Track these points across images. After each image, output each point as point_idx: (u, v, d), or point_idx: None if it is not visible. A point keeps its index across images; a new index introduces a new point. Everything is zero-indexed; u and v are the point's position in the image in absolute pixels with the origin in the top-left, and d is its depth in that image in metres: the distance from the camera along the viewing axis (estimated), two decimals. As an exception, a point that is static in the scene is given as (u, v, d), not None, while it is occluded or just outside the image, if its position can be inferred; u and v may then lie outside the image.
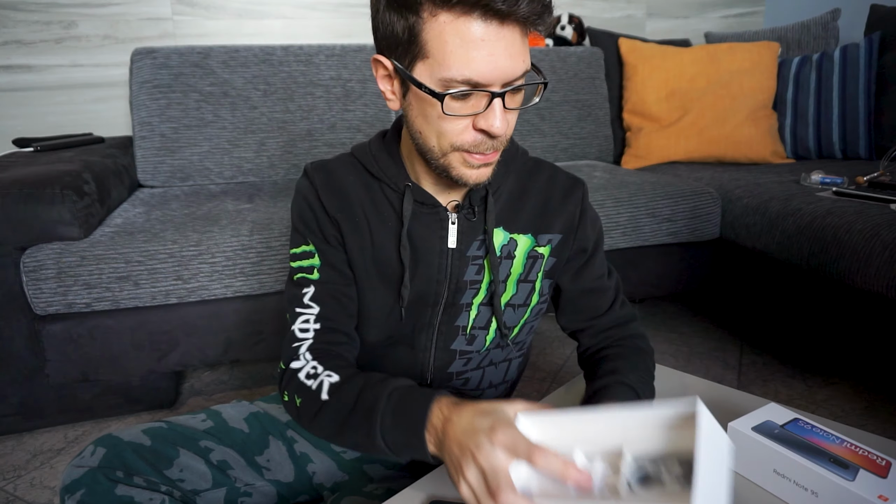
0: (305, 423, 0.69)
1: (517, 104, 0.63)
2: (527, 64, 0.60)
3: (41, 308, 1.25)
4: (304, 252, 0.74)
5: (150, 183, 1.78)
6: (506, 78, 0.58)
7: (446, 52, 0.57)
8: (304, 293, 0.73)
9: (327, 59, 1.91)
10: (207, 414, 0.78)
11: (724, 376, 1.58)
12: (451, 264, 0.73)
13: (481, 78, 0.57)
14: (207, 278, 1.31)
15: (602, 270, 0.83)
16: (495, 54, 0.56)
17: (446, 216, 0.72)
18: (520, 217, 0.75)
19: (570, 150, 2.16)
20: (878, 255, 1.23)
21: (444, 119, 0.60)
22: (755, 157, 1.98)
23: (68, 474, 0.66)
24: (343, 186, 0.74)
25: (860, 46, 1.93)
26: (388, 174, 0.73)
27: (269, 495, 0.77)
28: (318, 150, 1.89)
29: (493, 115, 0.59)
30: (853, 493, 0.54)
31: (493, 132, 0.60)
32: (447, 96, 0.58)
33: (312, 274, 0.73)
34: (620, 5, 2.54)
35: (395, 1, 0.58)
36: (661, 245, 1.68)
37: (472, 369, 0.79)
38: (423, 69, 0.59)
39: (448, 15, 0.56)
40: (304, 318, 0.72)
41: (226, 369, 1.71)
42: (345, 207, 0.73)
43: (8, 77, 1.91)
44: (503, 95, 0.59)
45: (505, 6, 0.54)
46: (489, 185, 0.72)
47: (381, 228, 0.73)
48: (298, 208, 0.75)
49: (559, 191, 0.77)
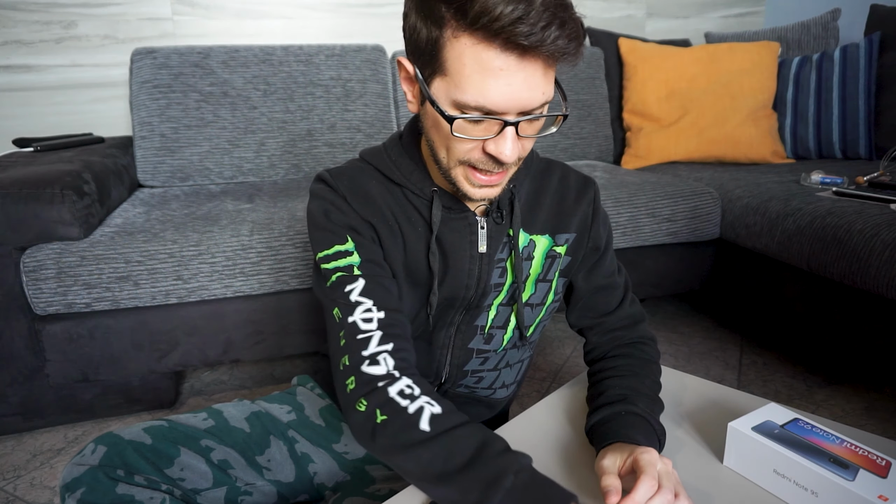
0: (385, 441, 0.59)
1: (534, 132, 0.62)
2: (547, 95, 0.58)
3: (41, 308, 1.25)
4: (338, 252, 0.68)
5: (150, 183, 1.78)
6: (522, 108, 0.57)
7: (463, 75, 0.55)
8: (350, 290, 0.66)
9: (327, 59, 1.91)
10: (208, 413, 0.78)
11: (724, 376, 1.58)
12: (480, 268, 0.73)
13: (495, 107, 0.56)
14: (207, 278, 1.31)
15: (612, 268, 0.83)
16: (513, 85, 0.55)
17: (475, 221, 0.72)
18: (537, 218, 0.76)
19: (570, 150, 2.16)
20: (878, 255, 1.23)
21: (454, 139, 0.60)
22: (755, 157, 1.98)
23: (69, 472, 0.66)
24: (368, 193, 0.71)
25: (860, 46, 1.93)
26: (413, 180, 0.71)
27: (269, 495, 0.77)
28: (317, 150, 1.89)
29: (503, 142, 0.58)
30: (853, 493, 0.54)
31: (502, 159, 0.59)
32: (458, 120, 0.57)
33: (353, 272, 0.67)
34: (620, 5, 2.54)
35: (424, 9, 0.57)
36: (661, 245, 1.68)
37: (489, 370, 0.80)
38: (441, 85, 0.58)
39: (470, 39, 0.54)
40: (363, 309, 0.65)
41: (226, 369, 1.71)
42: (376, 213, 0.70)
43: (8, 77, 1.91)
44: (517, 125, 0.58)
45: (528, 41, 0.52)
46: (514, 189, 0.72)
47: (413, 234, 0.71)
48: (324, 210, 0.69)
49: (572, 191, 0.78)
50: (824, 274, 1.37)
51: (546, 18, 0.51)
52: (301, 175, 1.90)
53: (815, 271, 1.40)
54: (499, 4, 0.51)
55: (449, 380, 0.79)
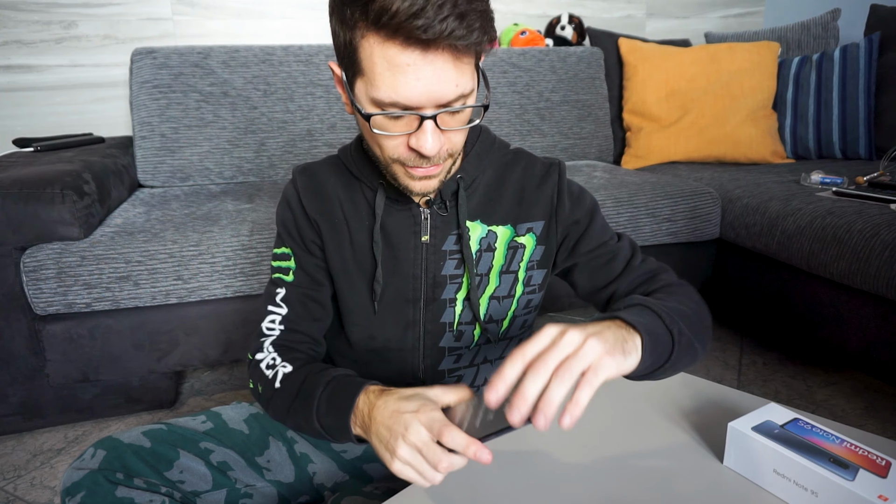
0: (263, 407, 0.74)
1: (457, 124, 0.62)
2: (462, 87, 0.58)
3: (41, 308, 1.25)
4: (283, 254, 0.78)
5: (150, 183, 1.78)
6: (437, 101, 0.57)
7: (376, 73, 0.56)
8: (278, 293, 0.77)
9: (327, 59, 1.91)
10: (207, 416, 0.78)
11: (724, 376, 1.58)
12: (425, 259, 0.74)
13: (409, 101, 0.57)
14: (207, 278, 1.31)
15: (604, 237, 0.78)
16: (422, 80, 0.55)
17: (419, 211, 0.73)
18: (498, 209, 0.75)
19: (570, 150, 2.16)
20: (878, 255, 1.23)
21: (378, 137, 0.61)
22: (755, 157, 1.98)
23: (69, 476, 0.66)
24: (324, 188, 0.76)
25: (860, 46, 1.93)
26: (365, 174, 0.74)
27: (269, 496, 0.77)
28: (318, 150, 1.89)
29: (423, 136, 0.59)
30: (853, 493, 0.54)
31: (424, 153, 0.59)
32: (374, 117, 0.59)
33: (287, 275, 0.77)
34: (620, 5, 2.54)
35: (338, 13, 0.58)
36: (661, 245, 1.68)
37: (465, 367, 0.79)
38: (360, 86, 0.59)
39: (376, 37, 0.55)
40: (272, 317, 0.76)
41: (226, 369, 1.71)
42: (325, 209, 0.75)
43: (8, 77, 1.91)
44: (434, 118, 0.58)
45: (427, 35, 0.52)
46: (460, 180, 0.73)
47: (359, 227, 0.75)
48: (281, 213, 0.78)
49: (535, 178, 0.76)
50: (824, 274, 1.37)
51: (445, 11, 0.52)
52: (301, 175, 1.90)
53: (815, 271, 1.40)
54: (396, 1, 0.52)
55: (426, 382, 0.78)
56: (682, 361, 0.61)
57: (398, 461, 0.56)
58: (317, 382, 0.67)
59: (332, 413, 0.65)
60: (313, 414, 0.66)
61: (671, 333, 0.59)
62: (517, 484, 0.65)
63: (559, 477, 0.66)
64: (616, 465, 0.68)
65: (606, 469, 0.67)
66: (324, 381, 0.67)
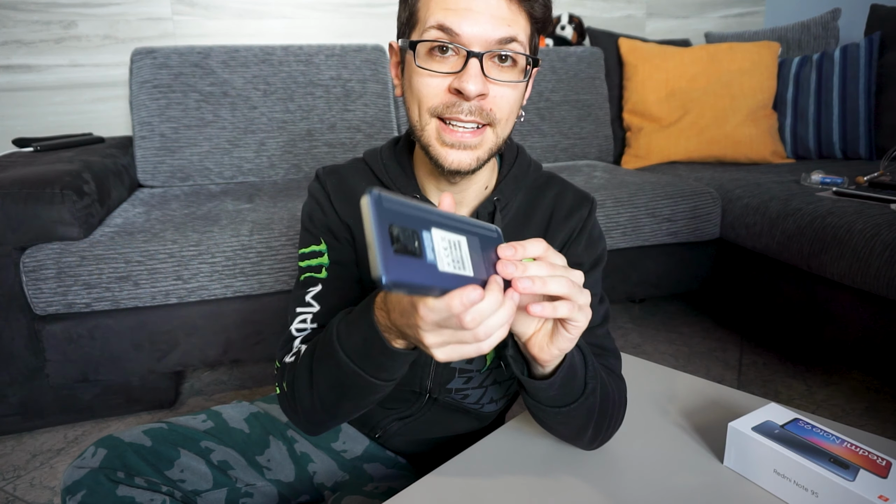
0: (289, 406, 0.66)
1: (504, 77, 0.60)
2: (513, 32, 0.58)
3: (41, 308, 1.25)
4: (313, 251, 0.73)
5: (150, 183, 1.78)
6: (485, 38, 0.57)
7: (429, 6, 0.59)
8: (309, 291, 0.71)
9: (327, 59, 1.91)
10: (208, 415, 0.78)
11: (724, 376, 1.58)
12: None
13: (457, 28, 0.57)
14: (207, 278, 1.31)
15: (592, 292, 0.73)
16: (472, 10, 0.57)
17: None
18: (525, 233, 0.73)
19: (570, 150, 2.16)
20: (878, 255, 1.23)
21: (420, 76, 0.60)
22: (755, 157, 1.98)
23: (69, 475, 0.66)
24: (354, 193, 0.73)
25: (860, 46, 1.93)
26: (398, 184, 0.72)
27: (270, 496, 0.77)
28: (317, 150, 1.89)
29: (466, 74, 0.58)
30: (853, 494, 0.54)
31: (467, 92, 0.58)
32: (419, 46, 0.59)
33: (320, 273, 0.72)
34: (620, 5, 2.54)
35: None
36: (661, 245, 1.68)
37: (474, 387, 0.77)
38: (415, 35, 0.61)
39: None
40: (302, 317, 0.71)
41: (226, 369, 1.71)
42: (356, 214, 0.72)
43: (8, 77, 1.91)
44: (481, 57, 0.58)
45: None
46: (497, 202, 0.71)
47: None
48: (309, 209, 0.75)
49: (565, 208, 0.74)
50: (824, 274, 1.37)
51: None
52: (301, 175, 1.90)
53: (815, 271, 1.40)
54: None
55: (433, 396, 0.77)
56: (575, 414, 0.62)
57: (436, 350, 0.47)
58: (331, 323, 0.61)
59: (352, 330, 0.56)
60: (335, 344, 0.57)
61: (585, 386, 0.61)
62: (517, 484, 0.65)
63: (558, 476, 0.66)
64: (616, 465, 0.68)
65: (606, 469, 0.67)
66: (339, 317, 0.60)
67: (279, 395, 0.69)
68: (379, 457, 0.84)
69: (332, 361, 0.57)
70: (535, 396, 0.61)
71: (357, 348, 0.55)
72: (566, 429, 0.66)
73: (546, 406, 0.61)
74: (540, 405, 0.61)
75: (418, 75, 0.60)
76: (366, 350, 0.54)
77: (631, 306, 2.08)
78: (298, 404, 0.64)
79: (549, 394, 0.59)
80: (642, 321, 1.96)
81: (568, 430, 0.66)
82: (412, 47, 0.59)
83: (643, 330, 1.89)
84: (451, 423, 0.81)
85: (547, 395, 0.59)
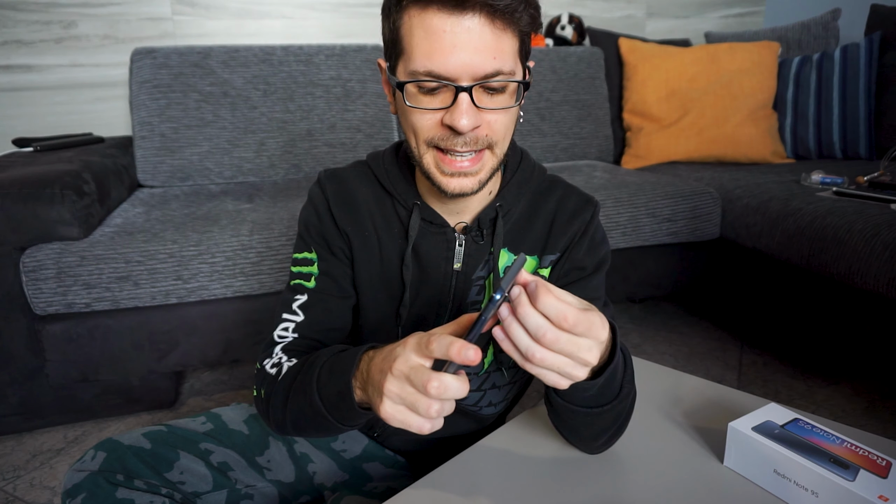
0: (263, 411, 0.69)
1: (495, 105, 0.60)
2: (501, 62, 0.57)
3: (41, 308, 1.25)
4: (305, 259, 0.74)
5: (149, 183, 1.78)
6: (474, 73, 0.57)
7: (413, 44, 0.57)
8: (296, 299, 0.73)
9: (327, 59, 1.91)
10: (207, 417, 0.78)
11: (724, 376, 1.58)
12: (455, 286, 0.72)
13: (444, 71, 0.56)
14: (207, 278, 1.31)
15: (595, 294, 0.75)
16: (457, 46, 0.55)
17: (454, 237, 0.71)
18: (527, 238, 0.73)
19: (570, 150, 2.16)
20: (878, 255, 1.23)
21: (412, 112, 0.60)
22: (755, 157, 1.98)
23: (69, 478, 0.66)
24: (354, 198, 0.73)
25: (860, 46, 1.93)
26: (399, 190, 0.72)
27: (270, 496, 0.77)
28: (317, 149, 1.89)
29: (458, 110, 0.57)
30: (853, 494, 0.54)
31: (458, 128, 0.58)
32: (408, 85, 0.59)
33: (309, 281, 0.73)
34: (620, 5, 2.54)
35: (386, 8, 0.61)
36: (661, 245, 1.68)
37: (472, 390, 0.77)
38: (401, 67, 0.60)
39: (415, 8, 0.57)
40: (285, 325, 0.72)
41: (226, 369, 1.71)
42: (355, 220, 0.72)
43: (8, 77, 1.91)
44: (470, 91, 0.57)
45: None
46: (499, 208, 0.70)
47: (390, 245, 0.72)
48: (306, 216, 0.74)
49: (567, 211, 0.74)
50: (824, 274, 1.37)
51: None
52: (301, 175, 1.90)
53: (815, 271, 1.40)
54: None
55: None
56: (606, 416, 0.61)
57: (386, 400, 0.49)
58: (320, 356, 0.63)
59: (332, 380, 0.59)
60: (314, 385, 0.60)
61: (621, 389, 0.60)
62: (516, 484, 0.65)
63: (559, 477, 0.66)
64: (616, 465, 0.68)
65: (606, 469, 0.67)
66: (328, 353, 0.63)
67: (255, 398, 0.71)
68: (378, 456, 0.84)
69: (308, 399, 0.61)
70: (565, 396, 0.59)
71: (331, 398, 0.59)
72: (588, 430, 0.64)
73: (577, 406, 0.59)
74: (570, 405, 0.59)
75: (410, 112, 0.61)
76: (337, 402, 0.58)
77: (631, 306, 2.08)
78: (271, 415, 0.67)
79: (585, 395, 0.57)
80: (642, 321, 1.96)
81: (589, 432, 0.64)
82: (400, 88, 0.59)
83: (643, 330, 1.89)
84: (450, 424, 0.80)
85: (583, 397, 0.58)
